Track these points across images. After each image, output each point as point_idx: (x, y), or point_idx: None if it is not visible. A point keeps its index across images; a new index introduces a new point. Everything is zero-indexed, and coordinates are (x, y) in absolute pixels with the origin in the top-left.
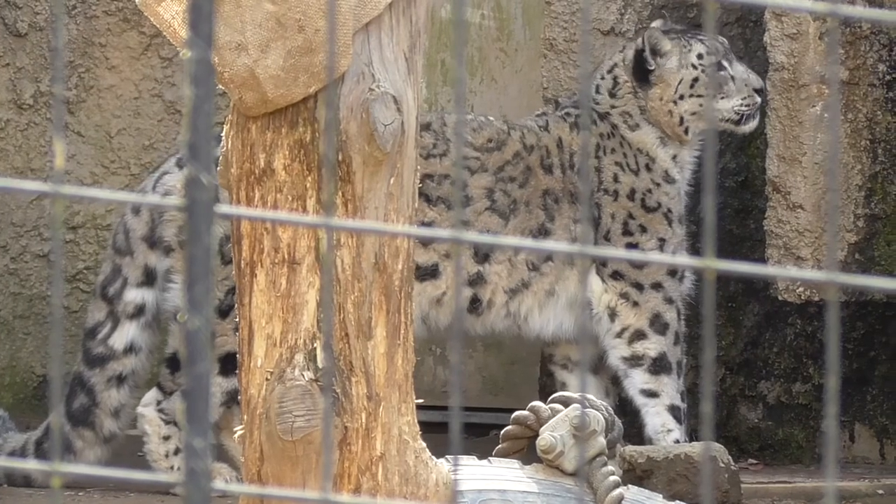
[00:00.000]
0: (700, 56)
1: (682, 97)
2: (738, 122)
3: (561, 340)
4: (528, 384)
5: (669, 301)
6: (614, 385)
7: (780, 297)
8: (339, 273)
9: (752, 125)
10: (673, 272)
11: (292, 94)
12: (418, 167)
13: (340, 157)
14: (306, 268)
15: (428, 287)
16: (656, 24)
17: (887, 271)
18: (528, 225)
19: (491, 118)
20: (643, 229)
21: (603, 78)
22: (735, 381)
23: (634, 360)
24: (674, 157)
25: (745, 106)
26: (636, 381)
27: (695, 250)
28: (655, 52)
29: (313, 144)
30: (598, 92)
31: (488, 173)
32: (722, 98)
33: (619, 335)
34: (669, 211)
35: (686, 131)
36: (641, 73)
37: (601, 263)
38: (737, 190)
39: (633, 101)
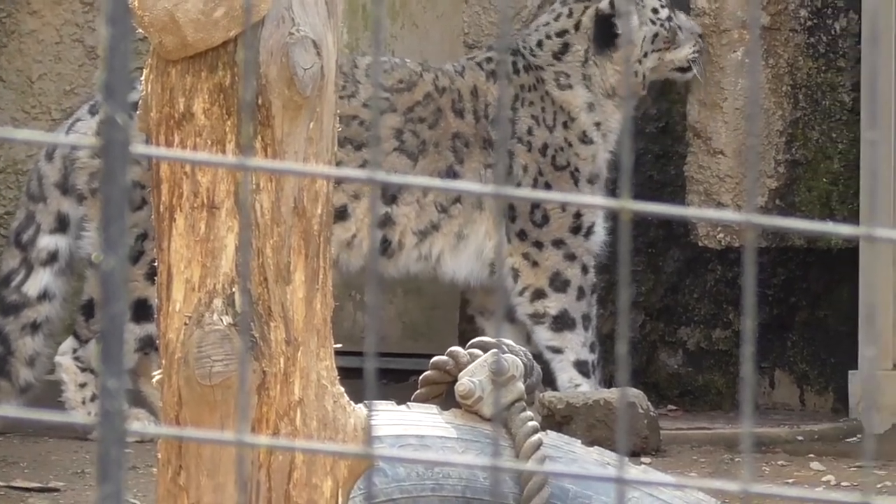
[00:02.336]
0: (655, 10)
1: (645, 55)
2: (685, 70)
3: (474, 286)
4: (448, 330)
5: (571, 258)
6: None
7: (700, 244)
8: (258, 217)
9: (695, 70)
10: (576, 229)
11: (212, 37)
12: (337, 112)
13: (260, 102)
14: (225, 212)
15: (337, 229)
16: None
17: (808, 217)
18: (436, 166)
19: (406, 60)
20: (548, 187)
21: (549, 38)
22: (655, 327)
23: (537, 318)
24: (597, 124)
25: (695, 53)
26: (541, 337)
27: (615, 197)
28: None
29: (233, 88)
30: (539, 46)
31: (397, 114)
32: (675, 49)
33: (521, 294)
34: (577, 170)
35: (644, 87)
36: (605, 38)
37: (510, 220)
38: (657, 136)
39: (579, 68)
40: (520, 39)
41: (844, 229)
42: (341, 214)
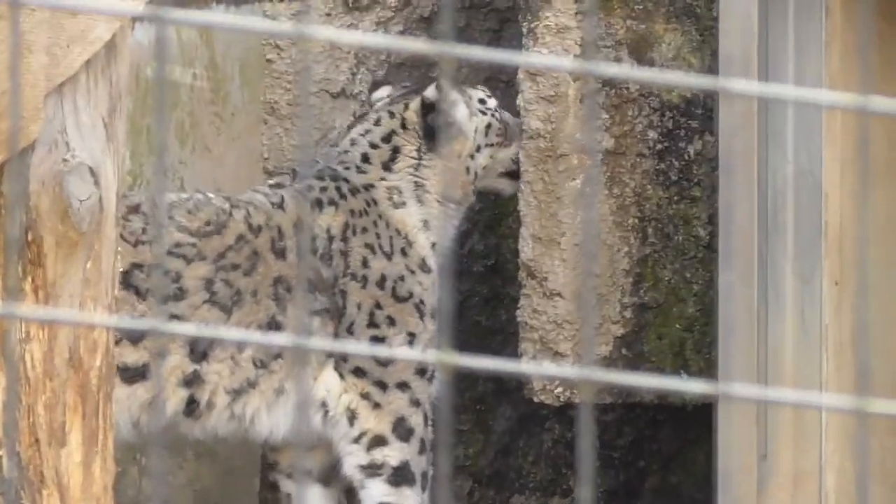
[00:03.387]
0: (482, 101)
1: (479, 148)
2: (514, 176)
3: (290, 445)
4: (247, 498)
5: (416, 404)
6: (349, 498)
7: (535, 399)
8: (27, 370)
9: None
10: (423, 370)
11: None
12: (120, 250)
13: (30, 238)
14: None
15: (139, 389)
16: (384, 91)
17: (658, 369)
18: (255, 318)
19: (211, 195)
20: (391, 321)
21: (375, 146)
22: (484, 494)
23: (373, 469)
24: (433, 245)
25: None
26: (374, 492)
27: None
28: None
29: None
30: (365, 161)
31: (207, 262)
32: (507, 146)
33: (356, 440)
34: (422, 302)
35: (474, 189)
36: (435, 131)
37: (341, 358)
38: (486, 275)
39: (411, 176)
40: (334, 162)
41: (698, 386)
42: (143, 374)
